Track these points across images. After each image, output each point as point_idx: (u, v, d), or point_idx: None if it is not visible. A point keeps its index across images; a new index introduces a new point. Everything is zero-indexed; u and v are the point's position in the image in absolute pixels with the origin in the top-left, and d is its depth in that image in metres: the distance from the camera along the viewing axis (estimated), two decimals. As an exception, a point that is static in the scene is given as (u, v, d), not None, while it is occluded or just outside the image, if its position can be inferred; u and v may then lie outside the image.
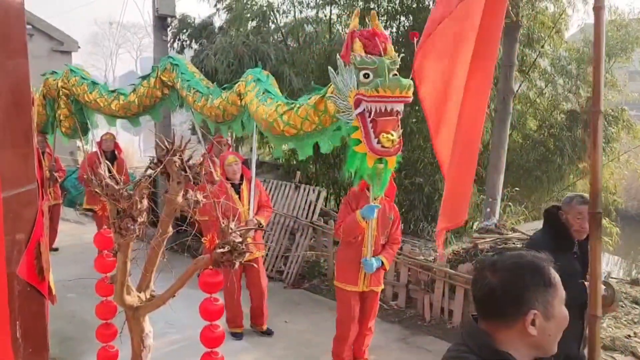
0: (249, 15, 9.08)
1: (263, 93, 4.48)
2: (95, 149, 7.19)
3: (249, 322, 5.23)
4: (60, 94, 6.53)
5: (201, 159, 2.14)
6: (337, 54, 3.61)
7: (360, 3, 9.32)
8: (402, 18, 9.54)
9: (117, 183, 1.94)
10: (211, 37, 9.09)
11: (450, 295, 5.50)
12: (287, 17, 9.76)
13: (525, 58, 9.35)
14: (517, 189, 8.87)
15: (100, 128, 7.18)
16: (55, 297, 2.04)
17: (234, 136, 7.44)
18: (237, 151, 7.07)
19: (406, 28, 9.34)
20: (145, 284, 2.31)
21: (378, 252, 4.21)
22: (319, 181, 9.12)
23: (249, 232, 2.12)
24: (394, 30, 9.69)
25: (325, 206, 8.39)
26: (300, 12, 9.82)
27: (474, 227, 7.83)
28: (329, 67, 3.66)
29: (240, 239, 2.09)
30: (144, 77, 5.96)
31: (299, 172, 7.77)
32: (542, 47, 9.43)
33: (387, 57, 3.42)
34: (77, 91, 6.31)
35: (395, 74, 3.38)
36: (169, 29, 8.57)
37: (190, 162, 2.06)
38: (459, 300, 5.39)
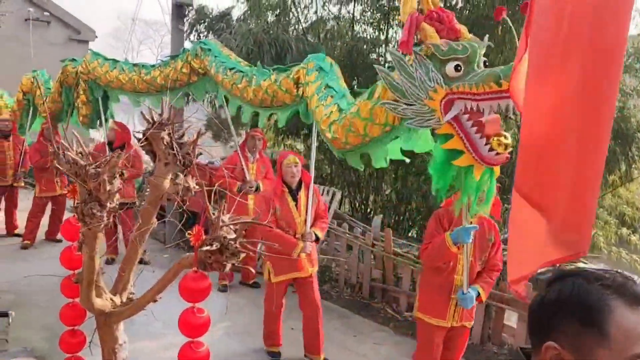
0: (268, 5, 8.79)
1: (324, 88, 3.72)
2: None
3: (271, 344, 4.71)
4: (79, 80, 6.22)
5: (195, 136, 1.77)
6: (387, 50, 2.94)
7: (384, 1, 8.98)
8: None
9: (86, 159, 1.58)
10: (229, 27, 8.81)
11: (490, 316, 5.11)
12: (308, 11, 9.45)
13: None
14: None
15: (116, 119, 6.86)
16: None
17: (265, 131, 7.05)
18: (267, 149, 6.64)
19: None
20: (122, 286, 1.93)
21: (473, 280, 3.54)
22: (334, 182, 8.78)
23: (244, 226, 1.71)
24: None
25: (340, 209, 8.04)
26: (323, 7, 9.52)
27: (502, 236, 7.41)
28: (378, 66, 2.92)
29: (233, 235, 1.69)
30: (173, 57, 5.52)
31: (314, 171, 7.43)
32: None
33: (467, 40, 2.73)
34: (99, 73, 5.96)
35: (485, 61, 2.71)
36: (186, 19, 8.31)
37: (182, 139, 1.69)
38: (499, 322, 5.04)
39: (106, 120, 6.49)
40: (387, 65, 9.51)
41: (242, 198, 5.90)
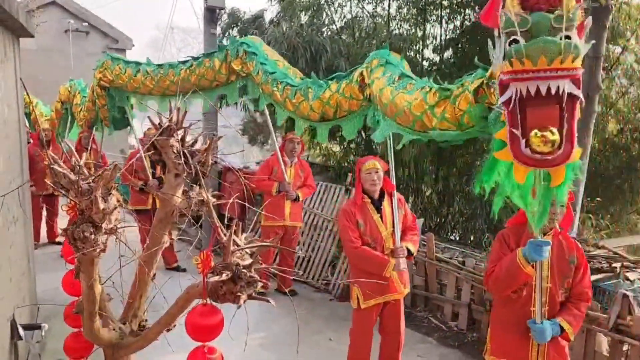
0: (301, 6, 8.64)
1: (399, 78, 3.30)
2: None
3: None
4: (96, 84, 6.15)
5: (207, 142, 1.57)
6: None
7: (420, -4, 8.70)
8: (468, 11, 8.81)
9: (78, 172, 1.38)
10: (261, 31, 8.71)
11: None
12: (342, 10, 9.26)
13: (607, 53, 8.39)
14: (598, 199, 7.91)
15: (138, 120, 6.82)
16: None
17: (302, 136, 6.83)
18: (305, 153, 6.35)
19: (472, 22, 8.61)
20: (132, 313, 1.73)
21: (555, 313, 2.92)
22: (371, 185, 8.53)
23: (259, 250, 1.48)
24: (458, 24, 8.98)
25: (378, 212, 7.79)
26: (357, 5, 9.30)
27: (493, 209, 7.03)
28: (489, 40, 2.46)
29: (247, 262, 1.45)
30: (207, 55, 5.13)
31: (350, 175, 7.21)
32: (628, 41, 8.43)
33: (558, 11, 2.14)
34: (123, 80, 5.73)
35: (568, 37, 2.10)
36: (218, 24, 8.26)
37: (195, 146, 1.49)
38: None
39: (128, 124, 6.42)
40: (425, 62, 9.22)
41: (279, 202, 5.75)
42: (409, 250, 3.83)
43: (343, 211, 3.91)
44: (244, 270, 1.43)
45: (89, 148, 6.90)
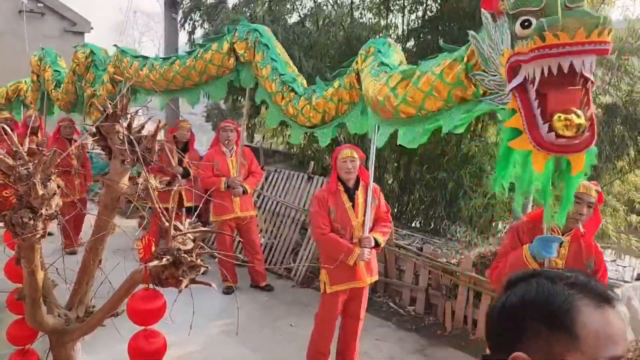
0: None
1: (378, 66, 3.23)
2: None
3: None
4: (107, 80, 5.74)
5: (154, 129, 1.57)
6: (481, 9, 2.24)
7: (385, -15, 8.74)
8: (430, 1, 8.90)
9: (17, 157, 1.37)
10: (223, 16, 8.58)
11: (475, 303, 4.93)
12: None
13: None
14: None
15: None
16: None
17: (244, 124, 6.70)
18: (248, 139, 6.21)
19: (433, 14, 8.70)
20: (78, 299, 1.72)
21: None
22: (333, 173, 8.58)
23: (202, 235, 1.50)
24: (420, 15, 9.07)
25: (341, 200, 7.85)
26: (321, -7, 9.27)
27: (504, 227, 7.22)
28: (470, 32, 2.36)
29: (189, 247, 1.45)
30: (211, 39, 4.88)
31: (312, 163, 7.26)
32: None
33: None
34: (129, 73, 5.41)
35: (579, 7, 1.96)
36: (180, 8, 8.10)
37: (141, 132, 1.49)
38: (485, 310, 4.81)
39: None
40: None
41: (226, 194, 5.49)
42: (376, 241, 3.83)
43: (316, 197, 3.93)
44: (185, 254, 1.44)
45: (70, 139, 6.54)
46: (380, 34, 8.65)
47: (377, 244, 3.85)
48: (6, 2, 11.86)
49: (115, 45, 5.72)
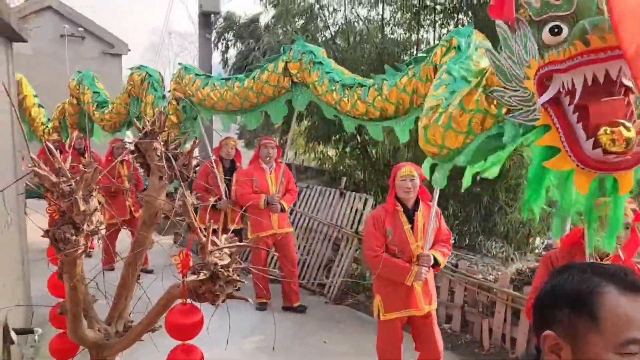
0: (294, 13, 8.66)
1: (445, 75, 2.84)
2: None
3: None
4: (170, 98, 5.73)
5: (190, 146, 1.59)
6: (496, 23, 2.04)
7: (415, 0, 8.75)
8: (461, 15, 8.86)
9: (60, 174, 1.40)
10: (256, 35, 8.74)
11: (514, 321, 4.78)
12: (336, 14, 9.30)
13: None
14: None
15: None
16: None
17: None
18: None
19: (465, 26, 8.65)
20: (117, 314, 1.74)
21: None
22: (366, 188, 8.56)
23: (238, 250, 1.51)
24: (451, 29, 9.02)
25: (373, 215, 7.80)
26: (351, 11, 9.35)
27: (542, 243, 7.04)
28: (488, 51, 2.18)
29: (225, 262, 1.46)
30: (269, 60, 4.84)
31: (344, 178, 7.24)
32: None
33: None
34: (191, 90, 5.43)
35: None
36: (213, 28, 8.29)
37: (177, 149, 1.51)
38: (524, 327, 4.67)
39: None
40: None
41: (263, 210, 5.39)
42: (436, 260, 3.58)
43: (371, 216, 3.74)
44: (221, 269, 1.45)
45: (122, 160, 6.51)
46: (412, 50, 8.65)
47: (436, 263, 3.60)
48: (49, 27, 12.40)
49: (179, 64, 5.79)
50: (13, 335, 3.35)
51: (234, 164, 6.21)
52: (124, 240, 3.16)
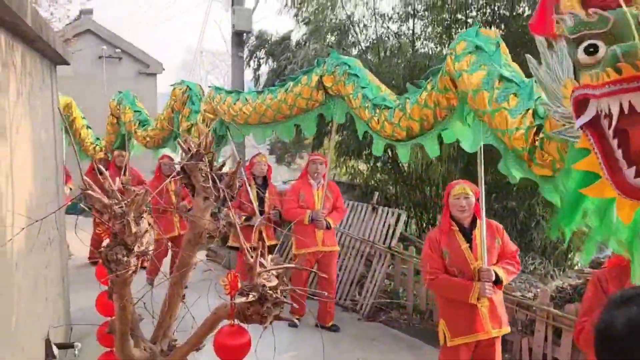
0: (326, 29, 8.75)
1: (499, 82, 2.70)
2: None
3: None
4: (201, 120, 5.78)
5: (234, 166, 1.62)
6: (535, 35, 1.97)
7: (446, 15, 8.72)
8: (494, 28, 8.79)
9: (112, 196, 1.44)
10: (287, 53, 8.85)
11: (555, 341, 4.64)
12: (367, 30, 9.34)
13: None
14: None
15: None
16: None
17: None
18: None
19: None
20: (162, 332, 1.77)
21: None
22: (399, 203, 8.49)
23: (284, 272, 1.50)
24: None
25: (406, 230, 7.73)
26: (382, 25, 9.38)
27: (582, 258, 6.82)
28: (528, 55, 2.09)
29: (273, 283, 1.46)
30: (303, 72, 4.83)
31: (377, 193, 7.20)
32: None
33: (634, 6, 1.73)
34: (223, 109, 5.47)
35: None
36: (246, 46, 8.43)
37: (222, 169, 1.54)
38: (566, 347, 4.52)
39: None
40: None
41: (309, 227, 5.40)
42: (497, 276, 3.37)
43: (428, 238, 3.64)
44: (269, 291, 1.45)
45: (170, 175, 6.60)
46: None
47: (498, 280, 3.39)
48: (88, 49, 12.85)
49: (209, 86, 5.88)
50: (54, 349, 3.43)
51: (266, 180, 6.21)
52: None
